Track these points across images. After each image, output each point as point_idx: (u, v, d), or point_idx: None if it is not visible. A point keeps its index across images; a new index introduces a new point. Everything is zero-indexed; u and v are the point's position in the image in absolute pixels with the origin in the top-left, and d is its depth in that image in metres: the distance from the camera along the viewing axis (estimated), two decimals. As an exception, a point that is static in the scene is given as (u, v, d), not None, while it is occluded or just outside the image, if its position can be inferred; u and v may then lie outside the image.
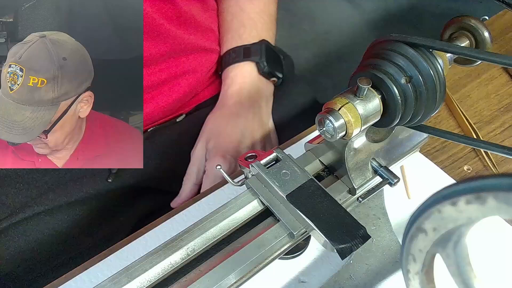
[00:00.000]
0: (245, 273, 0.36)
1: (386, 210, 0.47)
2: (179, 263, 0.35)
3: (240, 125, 0.66)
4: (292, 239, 0.37)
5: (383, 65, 0.35)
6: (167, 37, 0.63)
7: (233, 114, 0.67)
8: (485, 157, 0.56)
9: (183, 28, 0.65)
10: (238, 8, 0.72)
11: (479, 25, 0.39)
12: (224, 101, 0.69)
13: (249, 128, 0.67)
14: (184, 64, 0.68)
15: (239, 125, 0.66)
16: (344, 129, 0.35)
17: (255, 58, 0.69)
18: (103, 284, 0.33)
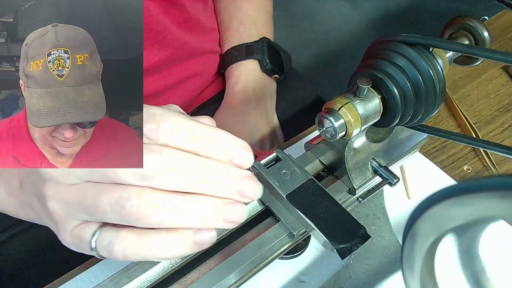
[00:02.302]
0: (245, 273, 0.36)
1: (386, 210, 0.47)
2: (179, 263, 0.35)
3: (249, 124, 0.66)
4: (292, 239, 0.37)
5: (383, 65, 0.35)
6: (175, 43, 0.63)
7: (241, 113, 0.67)
8: (485, 157, 0.56)
9: (190, 33, 0.66)
10: (235, 7, 0.73)
11: (479, 25, 0.39)
12: (230, 99, 0.69)
13: (258, 126, 0.67)
14: (191, 68, 0.68)
15: (248, 124, 0.66)
16: (344, 129, 0.35)
17: (257, 56, 0.70)
18: (103, 284, 0.33)
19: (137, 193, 0.28)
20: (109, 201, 0.29)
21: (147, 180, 0.28)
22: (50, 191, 0.31)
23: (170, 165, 0.28)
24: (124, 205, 0.28)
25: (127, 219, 0.29)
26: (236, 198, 0.30)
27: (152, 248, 0.30)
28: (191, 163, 0.29)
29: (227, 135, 0.31)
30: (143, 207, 0.28)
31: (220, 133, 0.30)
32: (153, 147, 0.29)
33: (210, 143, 0.30)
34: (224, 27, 0.73)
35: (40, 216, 0.34)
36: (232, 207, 0.30)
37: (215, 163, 0.30)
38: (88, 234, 0.31)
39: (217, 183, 0.29)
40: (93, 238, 0.30)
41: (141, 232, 0.30)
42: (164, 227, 0.30)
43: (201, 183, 0.29)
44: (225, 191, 0.30)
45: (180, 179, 0.29)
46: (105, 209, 0.29)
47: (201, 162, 0.29)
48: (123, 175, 0.28)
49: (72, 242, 0.32)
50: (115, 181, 0.29)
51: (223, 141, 0.30)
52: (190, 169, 0.29)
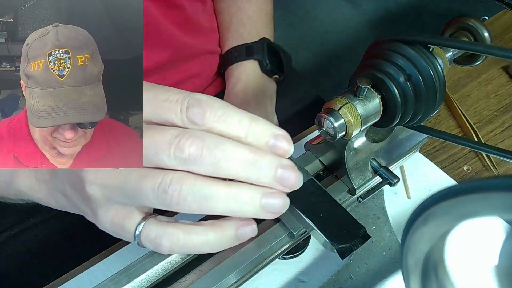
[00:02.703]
0: (245, 273, 0.36)
1: (386, 210, 0.47)
2: (179, 263, 0.35)
3: None
4: (292, 239, 0.37)
5: (383, 65, 0.35)
6: (175, 44, 0.63)
7: None
8: (485, 157, 0.56)
9: (190, 34, 0.66)
10: (236, 8, 0.73)
11: (479, 25, 0.39)
12: (230, 100, 0.69)
13: None
14: (190, 69, 0.68)
15: None
16: (344, 129, 0.35)
17: (257, 56, 0.69)
18: (103, 284, 0.33)
19: (179, 178, 0.29)
20: (152, 186, 0.29)
21: (189, 165, 0.29)
22: (90, 175, 0.31)
23: (213, 151, 0.29)
24: (166, 189, 0.29)
25: (169, 204, 0.29)
26: (276, 187, 0.31)
27: (196, 244, 0.31)
28: (233, 150, 0.29)
29: (269, 124, 0.31)
30: (184, 192, 0.29)
31: (263, 122, 0.31)
32: (196, 132, 0.29)
33: (253, 130, 0.30)
34: (225, 27, 0.73)
35: (74, 203, 0.34)
36: (273, 196, 0.31)
37: (256, 150, 0.30)
38: (132, 225, 0.32)
39: (258, 171, 0.30)
40: (137, 230, 0.31)
41: (187, 229, 0.31)
42: (204, 213, 0.31)
43: (242, 170, 0.30)
44: (265, 179, 0.30)
45: (221, 165, 0.29)
46: (148, 193, 0.29)
47: (243, 149, 0.30)
48: (166, 158, 0.29)
49: (111, 229, 0.33)
50: (158, 164, 0.30)
51: (265, 130, 0.31)
52: (232, 156, 0.29)
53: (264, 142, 0.30)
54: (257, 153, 0.30)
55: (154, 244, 0.31)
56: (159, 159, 0.29)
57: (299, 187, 0.31)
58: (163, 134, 0.30)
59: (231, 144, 0.30)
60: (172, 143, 0.29)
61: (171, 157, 0.29)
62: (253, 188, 0.30)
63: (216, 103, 0.30)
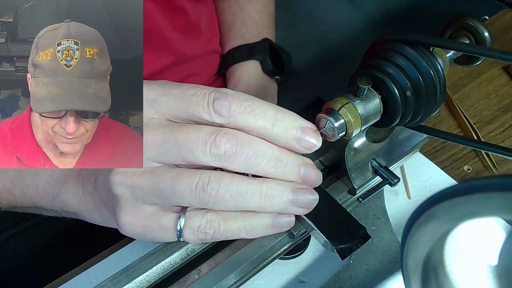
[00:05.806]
0: (245, 273, 0.36)
1: (386, 210, 0.47)
2: (179, 263, 0.35)
3: None
4: (292, 239, 0.37)
5: (383, 65, 0.35)
6: (179, 49, 0.63)
7: None
8: (485, 157, 0.56)
9: (192, 37, 0.66)
10: (238, 8, 0.72)
11: (479, 25, 0.39)
12: None
13: None
14: (191, 68, 0.68)
15: None
16: (344, 129, 0.35)
17: (259, 57, 0.69)
18: (103, 284, 0.33)
19: (217, 177, 0.30)
20: (189, 184, 0.30)
21: (223, 161, 0.30)
22: (118, 177, 0.32)
23: (245, 148, 0.30)
24: (205, 188, 0.30)
25: (206, 202, 0.30)
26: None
27: (235, 231, 0.32)
28: (263, 147, 0.31)
29: (296, 115, 0.32)
30: (222, 190, 0.30)
31: (290, 113, 0.32)
32: (228, 130, 0.30)
33: (279, 122, 0.31)
34: (226, 27, 0.73)
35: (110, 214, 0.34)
36: (302, 191, 0.32)
37: (281, 148, 0.31)
38: (170, 222, 0.32)
39: (284, 168, 0.31)
40: (178, 224, 0.32)
41: (226, 216, 0.32)
42: (238, 209, 0.32)
43: (271, 167, 0.31)
44: (290, 176, 0.32)
45: (253, 162, 0.30)
46: (184, 192, 0.30)
47: (271, 147, 0.31)
48: (201, 155, 0.30)
49: (143, 232, 0.33)
50: (191, 161, 0.31)
51: (292, 121, 0.31)
52: (261, 153, 0.31)
53: (291, 134, 0.31)
54: (283, 151, 0.31)
55: (198, 234, 0.32)
56: (194, 155, 0.30)
57: (319, 184, 0.33)
58: (198, 132, 0.30)
59: (260, 141, 0.31)
60: (208, 140, 0.30)
61: (206, 153, 0.30)
62: (282, 184, 0.31)
63: (242, 96, 0.31)
